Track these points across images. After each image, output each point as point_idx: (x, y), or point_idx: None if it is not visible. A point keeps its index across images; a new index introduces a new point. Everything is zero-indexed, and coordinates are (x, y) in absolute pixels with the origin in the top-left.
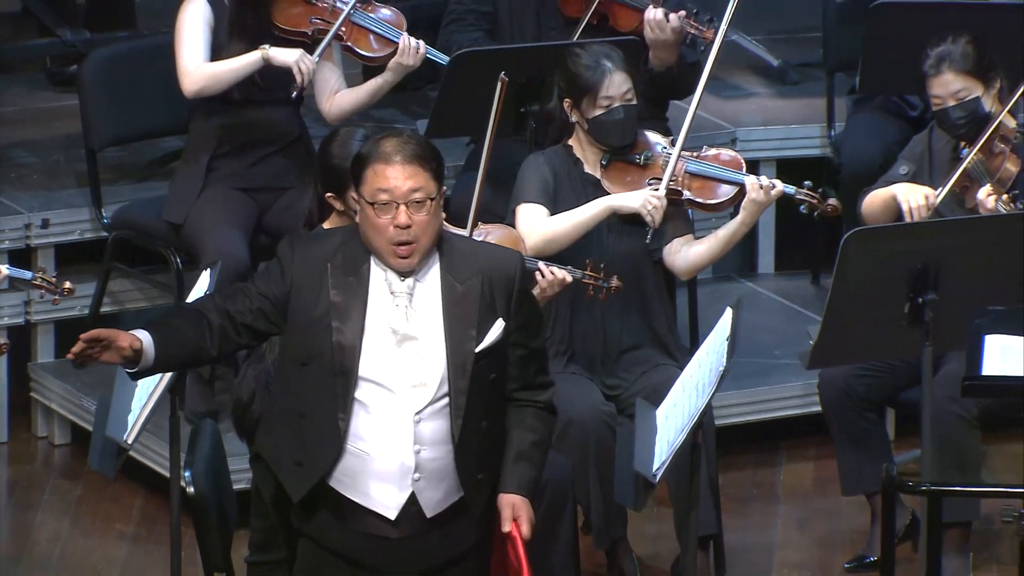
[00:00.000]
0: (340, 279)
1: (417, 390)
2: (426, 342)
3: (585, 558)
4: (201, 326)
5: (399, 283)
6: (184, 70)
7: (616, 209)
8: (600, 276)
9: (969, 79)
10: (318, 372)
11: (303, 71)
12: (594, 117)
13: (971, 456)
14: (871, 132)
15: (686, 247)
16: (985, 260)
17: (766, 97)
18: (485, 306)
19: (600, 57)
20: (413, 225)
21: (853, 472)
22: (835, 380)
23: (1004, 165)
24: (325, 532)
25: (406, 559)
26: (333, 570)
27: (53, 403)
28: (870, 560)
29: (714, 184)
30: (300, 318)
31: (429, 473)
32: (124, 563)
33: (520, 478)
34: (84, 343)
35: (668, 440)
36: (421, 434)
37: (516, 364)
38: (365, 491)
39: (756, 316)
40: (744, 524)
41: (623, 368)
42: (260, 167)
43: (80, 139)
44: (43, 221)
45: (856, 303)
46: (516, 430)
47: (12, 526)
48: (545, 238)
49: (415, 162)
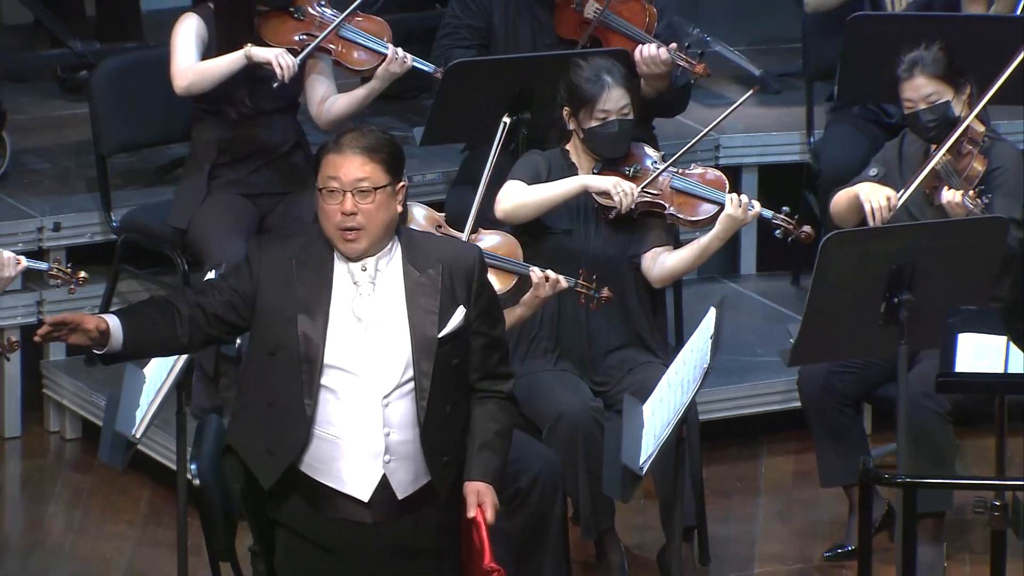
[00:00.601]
0: (305, 273)
1: (384, 374)
2: (390, 328)
3: (574, 548)
4: (172, 315)
5: (361, 273)
6: (175, 70)
7: (589, 187)
8: (592, 286)
9: (940, 83)
10: (285, 361)
11: (283, 65)
12: (590, 128)
13: (945, 449)
14: (849, 139)
15: (663, 256)
16: (958, 262)
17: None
18: (446, 293)
19: (602, 71)
20: (359, 213)
21: (832, 465)
22: (814, 377)
23: (971, 165)
24: (300, 520)
25: (380, 545)
26: (311, 558)
27: (65, 399)
28: (848, 549)
29: (697, 202)
30: (267, 311)
31: (399, 455)
32: (133, 552)
33: (485, 467)
34: (50, 326)
35: (654, 434)
36: (389, 417)
37: (478, 353)
38: (338, 475)
39: (739, 316)
40: (727, 515)
41: (608, 367)
42: (260, 174)
43: (90, 146)
44: (55, 224)
45: (834, 303)
46: (480, 421)
47: (25, 517)
48: (517, 202)
49: (364, 153)
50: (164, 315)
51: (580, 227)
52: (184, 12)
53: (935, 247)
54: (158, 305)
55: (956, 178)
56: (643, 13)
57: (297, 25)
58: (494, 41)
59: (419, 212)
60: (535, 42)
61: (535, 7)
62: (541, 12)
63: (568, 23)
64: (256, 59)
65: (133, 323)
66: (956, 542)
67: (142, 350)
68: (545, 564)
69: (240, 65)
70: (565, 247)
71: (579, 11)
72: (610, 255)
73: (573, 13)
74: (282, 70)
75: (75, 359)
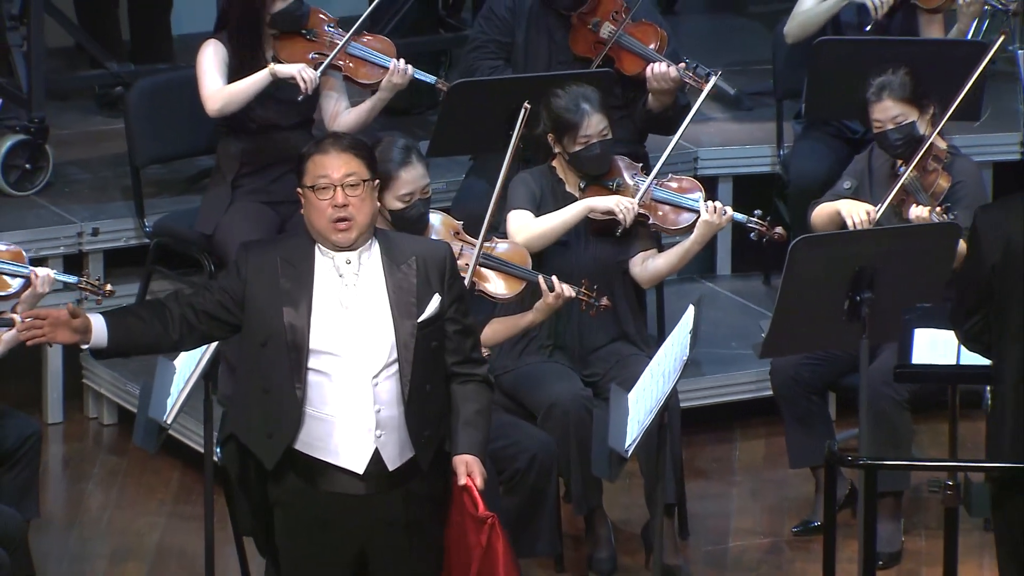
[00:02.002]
0: (289, 269)
1: (371, 357)
2: (374, 314)
3: (566, 523)
4: (162, 314)
5: (345, 266)
6: (206, 95)
7: (594, 208)
8: (593, 295)
9: (906, 105)
10: (274, 350)
11: (305, 79)
12: (574, 152)
13: (903, 434)
14: (815, 152)
15: (648, 260)
16: (915, 264)
17: (724, 121)
18: (422, 283)
19: (579, 100)
20: (349, 204)
21: (800, 448)
22: (784, 368)
23: (937, 181)
24: (298, 498)
25: (372, 517)
26: (308, 533)
27: (102, 388)
28: (815, 525)
29: (677, 211)
30: (255, 307)
31: (388, 429)
32: (164, 528)
33: (470, 441)
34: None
35: (638, 420)
36: (379, 395)
37: (454, 338)
38: (334, 451)
39: (715, 312)
40: (704, 494)
41: (597, 360)
42: (280, 183)
43: (125, 158)
44: (93, 230)
45: (802, 301)
46: (462, 401)
47: (66, 496)
48: (535, 234)
49: (349, 151)
50: (154, 315)
51: (574, 240)
52: (206, 39)
53: (894, 251)
54: (149, 306)
55: (923, 194)
56: (656, 35)
57: (310, 45)
58: (514, 57)
59: (436, 219)
60: (550, 60)
61: (553, 28)
62: (558, 32)
63: (583, 42)
64: (280, 75)
65: (118, 322)
66: (913, 518)
67: (131, 347)
68: (540, 537)
69: (267, 82)
70: (563, 258)
71: (595, 31)
72: (601, 262)
73: (589, 33)
74: (305, 83)
75: None
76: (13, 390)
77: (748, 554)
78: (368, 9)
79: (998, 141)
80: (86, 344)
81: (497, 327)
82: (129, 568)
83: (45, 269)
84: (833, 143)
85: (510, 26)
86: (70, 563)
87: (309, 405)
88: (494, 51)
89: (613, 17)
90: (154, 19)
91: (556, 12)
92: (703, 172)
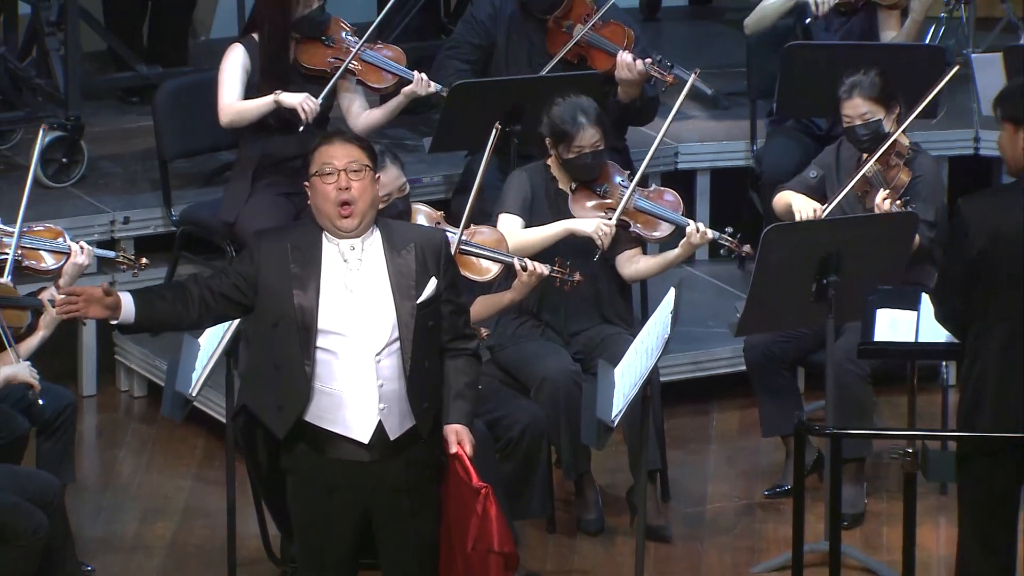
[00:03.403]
0: (298, 255)
1: (374, 336)
2: (377, 296)
3: (557, 487)
4: (183, 295)
5: (350, 252)
6: (220, 106)
7: (573, 231)
8: (566, 272)
9: (874, 104)
10: (285, 330)
11: (306, 110)
12: (567, 159)
13: (865, 405)
14: (785, 148)
15: (633, 261)
16: (876, 250)
17: (702, 119)
18: (420, 267)
19: (577, 112)
20: (352, 188)
21: (771, 418)
22: (757, 345)
23: (898, 175)
24: (308, 465)
25: (376, 482)
26: (317, 497)
27: (133, 363)
28: (785, 488)
29: (656, 221)
30: (267, 290)
31: (390, 403)
32: (189, 491)
33: (460, 411)
34: (65, 296)
35: (624, 393)
36: (381, 371)
37: (448, 317)
38: (343, 423)
39: (693, 294)
40: (684, 460)
41: (585, 338)
42: (296, 176)
43: (154, 153)
44: (124, 218)
45: (774, 284)
46: (453, 374)
47: (100, 462)
48: (517, 244)
49: (352, 141)
50: (176, 295)
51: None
52: (232, 42)
53: (857, 238)
54: (172, 287)
55: (885, 186)
56: (622, 34)
57: (328, 50)
58: (495, 61)
59: (423, 208)
60: (531, 62)
61: (532, 32)
62: (536, 35)
63: (558, 42)
64: (284, 104)
65: (144, 300)
66: (875, 482)
67: (154, 324)
68: (533, 500)
69: (271, 109)
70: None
71: (568, 32)
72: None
73: (563, 34)
74: (305, 114)
75: None
76: (51, 365)
77: (724, 515)
78: (377, 19)
79: (954, 137)
80: (115, 320)
81: (480, 306)
82: (157, 527)
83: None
84: (802, 139)
85: (487, 30)
86: (103, 523)
87: (317, 381)
88: (468, 52)
89: (584, 20)
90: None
91: (534, 17)
92: (683, 166)
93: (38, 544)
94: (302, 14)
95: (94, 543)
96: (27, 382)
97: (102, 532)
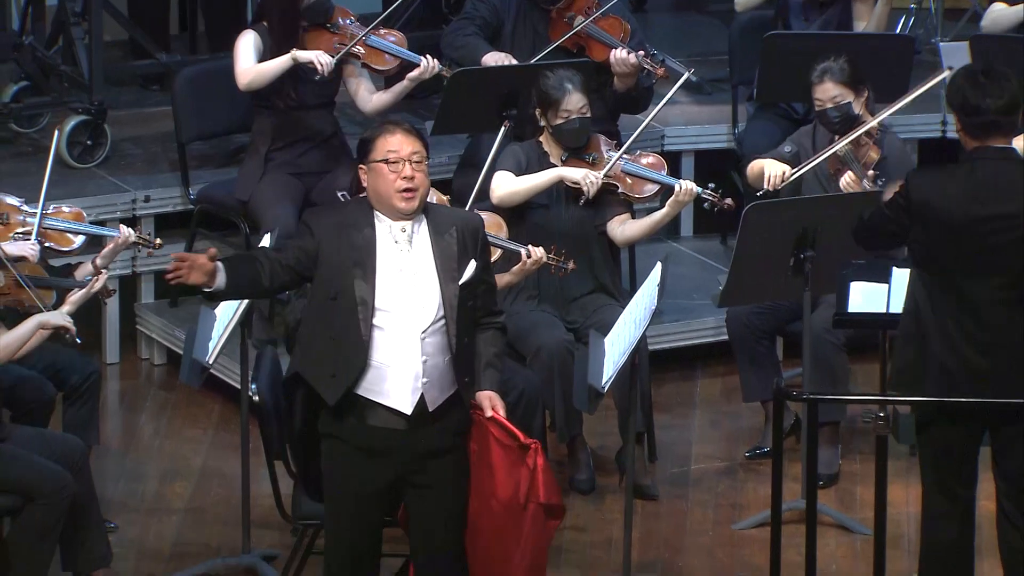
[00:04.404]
0: (355, 233)
1: (420, 314)
2: (424, 277)
3: (551, 449)
4: (257, 265)
5: (400, 234)
6: (238, 71)
7: (564, 177)
8: (560, 259)
9: (844, 88)
10: (344, 304)
11: (322, 63)
12: (556, 125)
13: (840, 373)
14: (765, 130)
15: (623, 225)
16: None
17: (687, 104)
18: (461, 250)
19: (564, 80)
20: (415, 177)
21: (752, 385)
22: (738, 316)
23: (868, 153)
24: (347, 430)
25: (411, 446)
26: (354, 459)
27: (153, 333)
28: (764, 450)
29: (643, 182)
30: (327, 264)
31: (432, 377)
32: (206, 452)
33: (491, 380)
34: (176, 261)
35: (613, 361)
36: (425, 348)
37: (481, 295)
38: (387, 394)
39: (679, 268)
40: (669, 424)
41: (578, 308)
42: (305, 157)
43: (173, 135)
44: (145, 197)
45: (754, 258)
46: (483, 345)
47: (123, 426)
48: (509, 190)
49: (413, 133)
50: (252, 265)
51: (555, 203)
52: (244, 28)
53: (832, 215)
54: (247, 258)
55: (856, 164)
56: (620, 28)
57: (332, 36)
58: (501, 44)
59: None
60: (534, 49)
61: (537, 22)
62: (541, 25)
63: (559, 31)
64: (300, 60)
65: (232, 269)
66: (848, 445)
67: (238, 291)
68: None
69: (288, 65)
70: (544, 218)
71: (569, 23)
72: (579, 223)
73: (564, 25)
74: (322, 66)
75: (161, 302)
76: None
77: (707, 475)
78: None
79: (922, 121)
80: (209, 287)
81: None
82: (176, 487)
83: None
84: (780, 122)
85: (498, 12)
86: (126, 483)
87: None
88: (479, 26)
89: (585, 12)
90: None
91: (539, 8)
92: (669, 148)
93: (64, 503)
94: (308, 3)
95: (117, 502)
96: (61, 326)
97: (124, 492)
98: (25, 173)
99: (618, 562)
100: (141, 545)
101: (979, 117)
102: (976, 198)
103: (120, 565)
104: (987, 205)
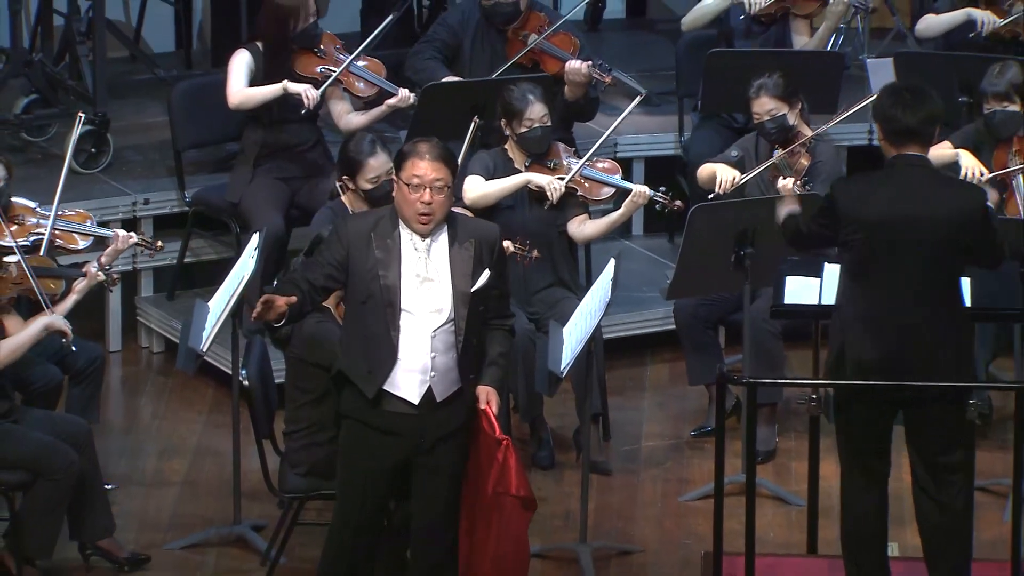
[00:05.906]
0: (380, 242)
1: (433, 315)
2: (439, 283)
3: (515, 428)
4: (302, 296)
5: (421, 243)
6: (229, 91)
7: (530, 182)
8: (525, 249)
9: (779, 101)
10: (373, 307)
11: (310, 97)
12: (520, 133)
13: (777, 359)
14: (708, 139)
15: (582, 225)
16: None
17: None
18: (477, 260)
19: (526, 92)
20: (433, 203)
21: (697, 370)
22: (684, 307)
23: (799, 160)
24: (365, 413)
25: (422, 429)
26: (370, 438)
27: (152, 324)
28: (708, 429)
29: (599, 186)
30: (357, 271)
31: (439, 372)
32: (201, 433)
33: (492, 376)
34: (261, 304)
35: (571, 348)
36: (435, 345)
37: (494, 301)
38: (398, 384)
39: (631, 264)
40: (622, 406)
41: (538, 301)
42: (291, 164)
43: (170, 144)
44: (145, 200)
45: (699, 255)
46: (490, 345)
47: (124, 408)
48: (482, 193)
49: (440, 160)
50: (300, 295)
51: (520, 204)
52: (238, 48)
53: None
54: (294, 286)
55: (789, 171)
56: (570, 43)
57: (319, 60)
58: (461, 60)
59: None
60: (492, 65)
61: (495, 40)
62: (498, 43)
63: (515, 49)
64: (291, 91)
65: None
66: (785, 424)
67: (290, 321)
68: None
69: (278, 94)
70: (511, 218)
71: (524, 41)
72: (542, 223)
73: (519, 43)
74: (309, 100)
75: (159, 295)
76: (83, 325)
77: (656, 452)
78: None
79: (850, 130)
80: (278, 324)
81: None
82: (173, 464)
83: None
84: (723, 131)
85: (456, 33)
86: (127, 460)
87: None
88: (439, 47)
89: (538, 30)
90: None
91: (496, 28)
92: (622, 155)
93: (71, 478)
94: (300, 28)
95: (118, 477)
96: (61, 330)
97: (126, 468)
98: (35, 178)
99: (576, 531)
100: (142, 516)
101: (900, 126)
102: (895, 201)
103: (122, 535)
104: (905, 207)
